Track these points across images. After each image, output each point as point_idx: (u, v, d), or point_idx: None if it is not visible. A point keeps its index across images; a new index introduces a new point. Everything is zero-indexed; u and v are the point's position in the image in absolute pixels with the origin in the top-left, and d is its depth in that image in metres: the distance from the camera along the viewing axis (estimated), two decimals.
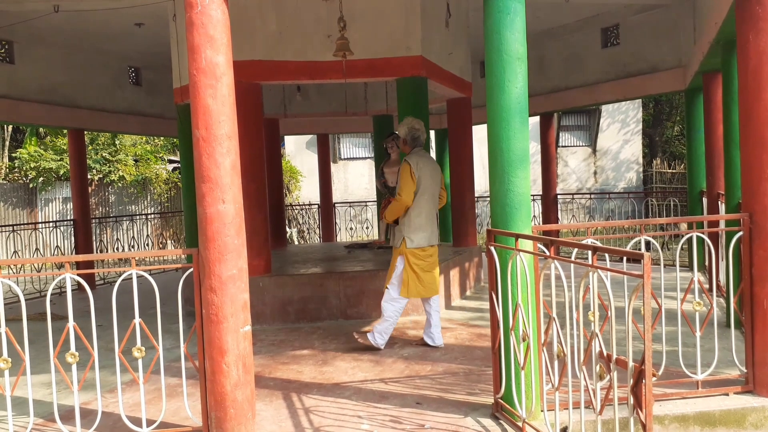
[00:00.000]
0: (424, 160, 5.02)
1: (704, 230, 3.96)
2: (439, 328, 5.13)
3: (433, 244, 5.07)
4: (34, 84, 7.86)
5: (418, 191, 4.92)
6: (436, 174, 5.10)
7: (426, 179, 4.96)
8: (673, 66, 7.68)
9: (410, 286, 4.95)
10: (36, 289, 8.54)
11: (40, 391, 4.37)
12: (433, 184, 5.04)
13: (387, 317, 5.02)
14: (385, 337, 5.06)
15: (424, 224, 4.97)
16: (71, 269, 3.22)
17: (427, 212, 4.99)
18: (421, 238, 4.97)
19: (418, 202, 4.94)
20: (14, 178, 15.35)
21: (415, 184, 4.89)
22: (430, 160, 5.11)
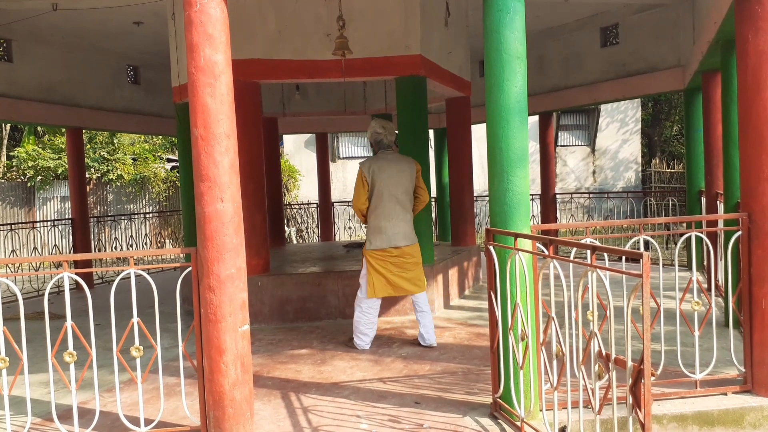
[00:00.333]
0: (382, 162, 5.01)
1: (703, 230, 3.96)
2: (429, 328, 5.10)
3: (398, 246, 4.99)
4: (32, 83, 7.85)
5: (373, 195, 5.00)
6: (402, 175, 5.01)
7: (382, 182, 4.96)
8: (672, 65, 7.68)
9: (376, 286, 5.01)
10: (34, 288, 8.53)
11: (38, 390, 4.36)
12: (394, 186, 4.98)
13: (356, 318, 5.12)
14: (364, 339, 5.11)
15: (383, 226, 4.99)
16: (69, 268, 3.21)
17: (386, 215, 4.99)
18: (380, 241, 4.99)
19: (374, 204, 5.01)
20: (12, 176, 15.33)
21: (366, 189, 5.00)
22: (395, 161, 5.04)
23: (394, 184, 4.98)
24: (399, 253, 5.01)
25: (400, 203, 5.01)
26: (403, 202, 5.04)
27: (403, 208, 5.04)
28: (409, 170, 5.07)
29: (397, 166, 5.03)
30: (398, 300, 6.19)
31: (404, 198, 5.04)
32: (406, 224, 5.06)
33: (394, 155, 5.12)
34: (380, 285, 5.00)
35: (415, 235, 5.15)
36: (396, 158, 5.09)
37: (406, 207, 5.07)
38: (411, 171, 5.08)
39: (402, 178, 5.01)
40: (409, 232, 5.08)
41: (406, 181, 5.04)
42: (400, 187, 5.01)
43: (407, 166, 5.07)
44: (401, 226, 5.02)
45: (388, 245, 4.98)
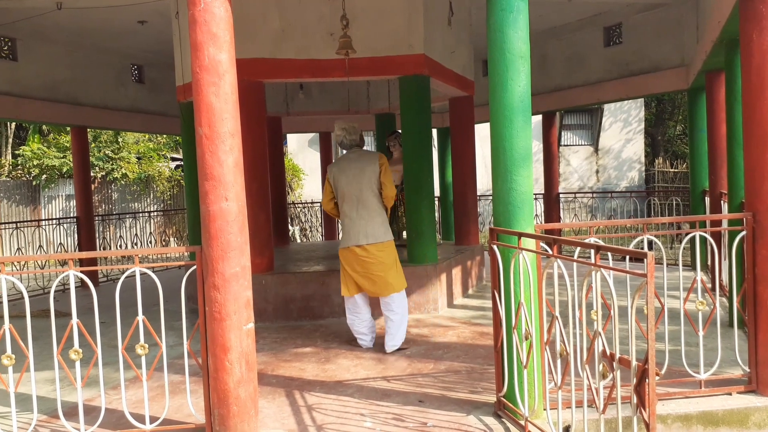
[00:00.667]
0: (344, 163, 5.02)
1: (707, 230, 3.95)
2: (392, 336, 4.94)
3: (361, 244, 4.92)
4: (37, 81, 7.87)
5: (337, 195, 5.06)
6: (361, 173, 4.94)
7: (342, 182, 4.98)
8: (675, 65, 7.67)
9: (347, 284, 5.03)
10: (39, 286, 8.56)
11: (44, 387, 4.38)
12: (353, 184, 4.95)
13: (347, 320, 5.16)
14: (362, 337, 5.13)
15: (346, 225, 5.04)
16: (75, 266, 3.23)
17: (348, 213, 5.00)
18: (345, 239, 5.02)
19: (340, 205, 5.08)
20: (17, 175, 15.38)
21: (330, 190, 5.10)
22: (356, 160, 4.99)
23: (354, 182, 4.96)
24: (362, 252, 4.93)
25: (361, 201, 4.96)
26: (365, 200, 4.96)
27: (365, 206, 4.96)
28: (370, 167, 4.95)
29: (357, 164, 4.98)
30: None
31: (366, 195, 4.95)
32: (369, 222, 4.95)
33: (357, 154, 5.06)
34: (350, 284, 5.02)
35: (383, 234, 4.96)
36: (357, 157, 5.03)
37: (368, 205, 4.96)
38: (373, 168, 4.95)
39: (361, 177, 4.94)
40: (373, 230, 4.94)
41: (366, 179, 4.93)
42: (360, 185, 4.95)
43: (368, 164, 4.97)
44: (363, 224, 4.96)
45: (350, 244, 4.96)
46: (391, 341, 4.96)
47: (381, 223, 4.99)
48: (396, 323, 4.97)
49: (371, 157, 5.03)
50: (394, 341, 4.96)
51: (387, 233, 5.00)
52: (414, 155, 6.33)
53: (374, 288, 4.95)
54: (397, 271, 5.02)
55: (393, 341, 4.96)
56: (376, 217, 4.98)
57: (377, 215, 4.99)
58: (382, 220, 5.01)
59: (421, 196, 6.34)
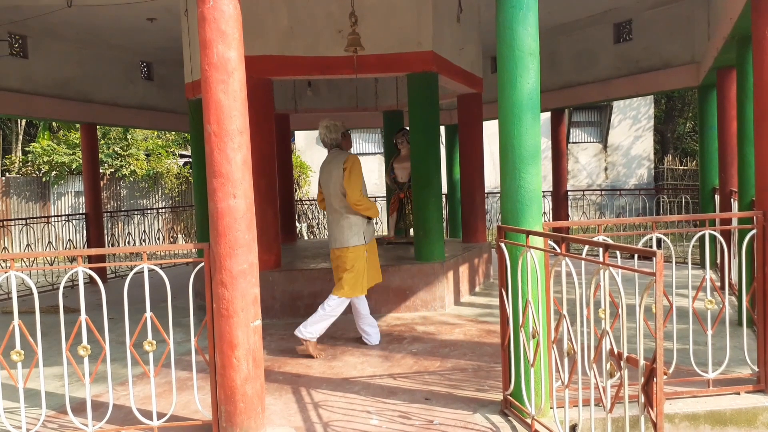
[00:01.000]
0: (323, 164, 5.04)
1: (717, 228, 3.93)
2: (305, 322, 4.88)
3: (335, 247, 4.92)
4: (47, 78, 7.92)
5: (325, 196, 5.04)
6: (329, 177, 4.89)
7: (322, 184, 5.01)
8: (686, 62, 7.61)
9: None
10: (48, 282, 8.62)
11: (52, 383, 4.41)
12: (328, 186, 4.92)
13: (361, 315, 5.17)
14: (365, 336, 5.15)
15: (329, 227, 5.05)
16: (83, 263, 3.24)
17: (329, 216, 5.02)
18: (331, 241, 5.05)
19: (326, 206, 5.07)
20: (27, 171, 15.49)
21: (321, 190, 5.09)
22: (330, 161, 4.95)
23: (327, 185, 4.96)
24: (333, 255, 5.00)
25: (330, 204, 4.96)
26: (332, 204, 4.92)
27: (333, 209, 4.94)
28: (336, 171, 4.84)
29: (328, 166, 4.95)
30: (408, 297, 6.20)
31: (333, 199, 4.90)
32: (335, 226, 4.93)
33: (333, 155, 4.97)
34: None
35: (345, 239, 4.87)
36: (331, 158, 4.96)
37: (336, 208, 4.91)
38: (338, 172, 4.83)
39: (330, 180, 4.91)
40: (338, 234, 4.90)
41: (333, 182, 4.87)
42: (329, 189, 4.93)
43: (335, 167, 4.86)
44: (331, 228, 4.99)
45: (332, 245, 5.01)
46: (303, 326, 4.85)
47: (345, 228, 4.88)
48: (317, 315, 4.87)
49: (339, 160, 4.86)
50: (304, 327, 4.84)
51: (350, 239, 4.87)
52: (422, 152, 6.33)
53: (346, 289, 4.92)
54: (353, 277, 4.88)
55: (303, 327, 4.84)
56: (340, 221, 4.90)
57: (342, 219, 4.90)
58: (347, 224, 4.87)
59: (429, 193, 6.33)
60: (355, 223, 4.88)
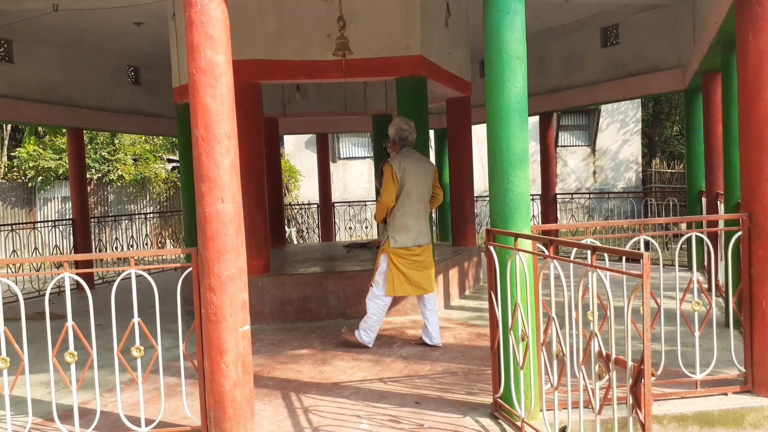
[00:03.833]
0: (409, 160, 5.03)
1: (703, 230, 3.96)
2: (436, 327, 5.12)
3: (421, 244, 5.06)
4: (33, 83, 7.85)
5: (401, 192, 4.99)
6: (426, 174, 5.09)
7: (411, 180, 4.98)
8: (672, 66, 7.68)
9: (395, 284, 5.01)
10: (35, 289, 8.54)
11: (39, 390, 4.36)
12: (421, 185, 5.04)
13: (370, 314, 5.09)
14: (371, 335, 5.10)
15: (409, 224, 5.00)
16: (70, 268, 3.21)
17: (413, 213, 5.01)
18: (406, 239, 5.00)
19: (402, 202, 4.99)
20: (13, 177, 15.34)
21: (397, 186, 4.98)
22: (420, 160, 5.10)
23: (421, 183, 5.04)
24: (420, 251, 5.07)
25: (423, 202, 5.08)
26: (426, 202, 5.13)
27: (425, 207, 5.13)
28: (432, 170, 5.17)
29: (422, 165, 5.10)
30: (399, 300, 6.19)
31: (427, 197, 5.14)
32: (426, 223, 5.16)
33: (419, 154, 5.19)
34: (399, 283, 5.01)
35: (429, 234, 5.21)
36: (420, 157, 5.17)
37: (427, 206, 5.15)
38: (433, 171, 5.18)
39: (426, 178, 5.09)
40: (427, 231, 5.17)
41: (429, 181, 5.12)
42: (425, 187, 5.09)
43: (429, 166, 5.18)
44: (424, 225, 5.11)
45: (413, 243, 5.02)
46: (435, 333, 5.10)
47: (428, 225, 5.23)
48: (437, 317, 5.14)
49: (430, 162, 5.26)
50: (437, 333, 5.12)
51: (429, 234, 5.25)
52: None
53: (427, 284, 5.09)
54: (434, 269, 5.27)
55: (437, 333, 5.11)
56: (427, 219, 5.19)
57: (427, 217, 5.21)
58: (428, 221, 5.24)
59: None
60: None
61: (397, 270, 5.00)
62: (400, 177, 4.96)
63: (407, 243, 5.00)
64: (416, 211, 5.03)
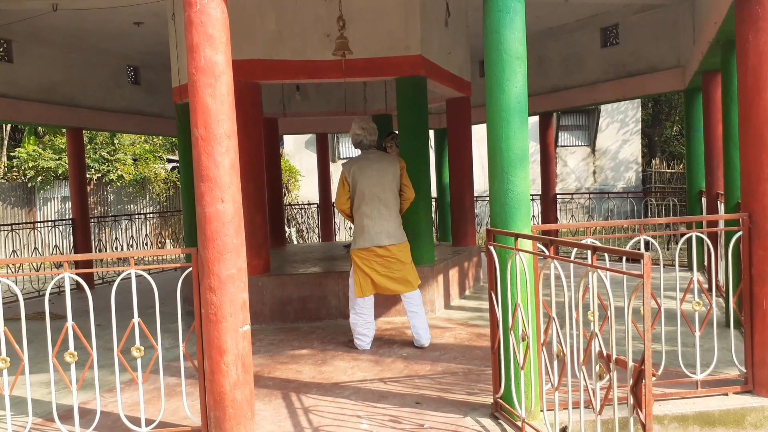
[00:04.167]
0: (363, 162, 5.03)
1: (703, 230, 3.95)
2: (419, 329, 5.06)
3: (382, 245, 4.98)
4: (32, 83, 7.85)
5: (355, 195, 5.04)
6: (384, 173, 5.01)
7: (364, 182, 4.99)
8: (672, 66, 7.68)
9: (362, 285, 5.03)
10: (35, 289, 8.53)
11: (39, 390, 4.36)
12: (376, 185, 4.99)
13: (352, 321, 5.14)
14: (364, 339, 5.12)
15: (366, 226, 5.01)
16: (70, 268, 3.21)
17: (369, 214, 5.00)
18: (363, 240, 5.01)
19: (357, 205, 5.05)
20: (13, 177, 15.33)
21: (347, 189, 5.06)
22: (377, 161, 5.04)
23: (376, 183, 4.99)
24: (384, 252, 4.99)
25: (382, 202, 5.00)
26: (387, 201, 5.02)
27: (387, 206, 5.02)
28: (392, 168, 5.05)
29: (378, 165, 5.03)
30: (399, 300, 6.19)
31: (387, 196, 5.02)
32: (390, 223, 5.03)
33: (376, 155, 5.12)
34: (366, 285, 5.02)
35: (402, 234, 5.11)
36: (377, 158, 5.09)
37: (390, 206, 5.04)
38: (394, 169, 5.06)
39: (383, 177, 5.01)
40: (394, 230, 5.04)
41: (388, 180, 5.02)
42: (382, 186, 5.01)
43: (389, 165, 5.06)
44: (384, 225, 5.01)
45: (371, 244, 4.98)
46: (426, 334, 5.08)
47: (399, 225, 5.12)
48: (422, 316, 5.09)
49: (392, 159, 5.14)
50: (427, 334, 5.09)
51: (404, 234, 5.15)
52: (411, 156, 6.32)
53: (396, 286, 5.04)
54: (413, 269, 5.17)
55: (426, 334, 5.09)
56: (396, 218, 5.10)
57: (396, 217, 5.11)
58: (400, 221, 5.13)
59: (418, 197, 6.30)
60: (401, 220, 5.16)
61: (361, 271, 5.02)
62: (351, 181, 5.04)
63: (365, 244, 5.00)
64: (373, 212, 4.99)
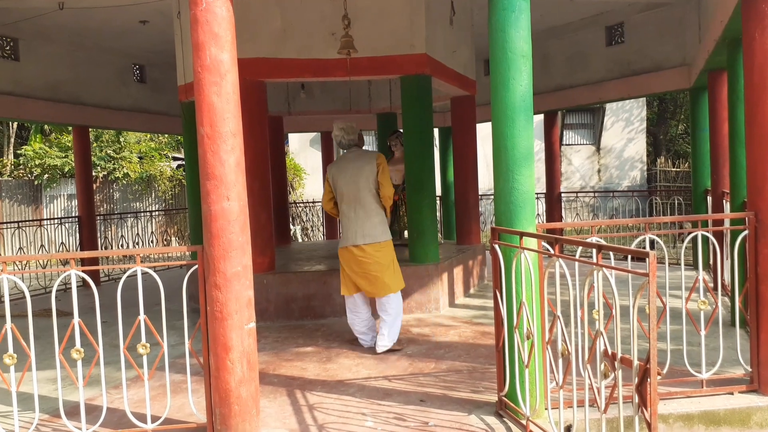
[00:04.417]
0: (341, 163, 5.04)
1: (709, 229, 3.95)
2: (382, 335, 4.90)
3: (357, 244, 4.91)
4: (39, 81, 7.88)
5: (336, 196, 5.08)
6: (360, 171, 4.93)
7: (341, 182, 5.00)
8: (678, 64, 7.65)
9: (346, 284, 5.05)
10: (41, 286, 8.57)
11: (46, 386, 4.38)
12: (352, 184, 4.95)
13: (347, 319, 5.17)
14: (362, 336, 5.13)
15: (344, 225, 5.06)
16: (76, 266, 3.23)
17: (346, 213, 5.02)
18: (342, 239, 5.05)
19: (340, 206, 5.09)
20: (19, 174, 15.40)
21: (329, 190, 5.12)
22: (354, 159, 4.99)
23: (352, 182, 4.97)
24: (359, 252, 4.93)
25: (359, 201, 4.96)
26: (363, 200, 4.95)
27: (363, 206, 4.96)
28: (368, 167, 4.94)
29: (355, 164, 4.98)
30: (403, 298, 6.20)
31: (364, 195, 4.94)
32: (366, 222, 4.94)
33: (356, 153, 5.06)
34: (348, 283, 5.04)
35: (382, 233, 4.95)
36: (356, 156, 5.03)
37: (366, 205, 4.95)
38: (370, 167, 4.94)
39: (359, 176, 4.93)
40: (370, 230, 4.93)
41: (364, 179, 4.93)
42: (358, 185, 4.96)
43: (366, 163, 4.95)
44: (360, 224, 4.96)
45: (348, 243, 4.98)
46: (381, 341, 4.91)
47: (378, 223, 4.97)
48: (388, 324, 4.94)
49: (369, 157, 5.00)
50: (384, 341, 4.92)
51: (384, 233, 4.98)
52: (415, 155, 6.33)
53: (371, 288, 4.95)
54: (394, 271, 5.00)
55: (383, 341, 4.91)
56: (373, 217, 4.97)
57: (375, 215, 4.97)
58: (379, 219, 4.98)
59: (423, 195, 6.34)
60: (384, 218, 5.06)
61: (343, 270, 5.05)
62: (332, 182, 5.08)
63: (343, 243, 5.02)
64: (350, 212, 4.99)
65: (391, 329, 4.95)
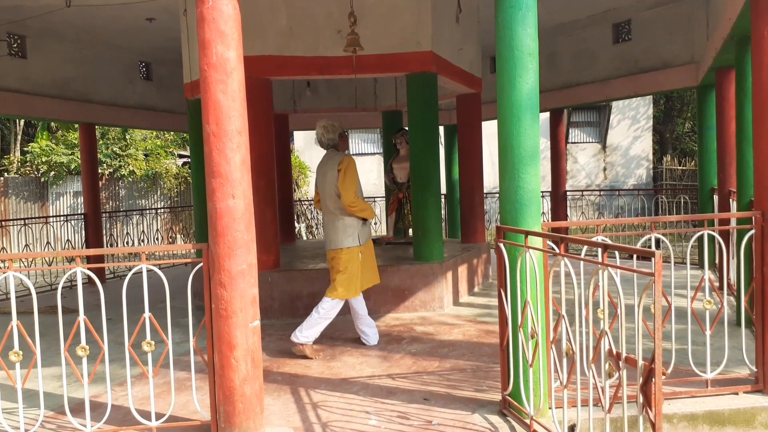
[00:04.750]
0: (320, 165, 5.03)
1: (715, 228, 3.93)
2: (300, 326, 4.85)
3: (330, 248, 4.93)
4: (46, 78, 7.91)
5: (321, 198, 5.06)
6: (324, 178, 4.90)
7: (319, 184, 5.00)
8: (685, 62, 7.61)
9: None
10: (47, 283, 8.61)
11: (51, 383, 4.40)
12: (322, 188, 4.95)
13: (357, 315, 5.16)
14: (364, 336, 5.15)
15: (324, 228, 5.06)
16: (82, 263, 3.24)
17: (324, 216, 5.03)
18: None
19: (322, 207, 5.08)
20: (26, 172, 15.48)
21: (317, 191, 5.08)
22: (325, 163, 4.95)
23: (321, 186, 4.98)
24: (328, 256, 5.02)
25: (326, 205, 4.97)
26: (327, 205, 4.93)
27: (328, 210, 4.94)
28: (331, 172, 4.85)
29: (325, 167, 4.95)
30: (406, 296, 6.20)
31: (328, 200, 4.91)
32: (330, 227, 4.93)
33: (328, 155, 4.98)
34: None
35: (342, 240, 4.85)
36: (326, 159, 4.97)
37: (330, 210, 4.92)
38: (332, 173, 4.83)
39: (325, 180, 4.91)
40: (332, 235, 4.90)
41: (329, 184, 4.87)
42: (323, 189, 4.95)
43: (330, 168, 4.87)
44: (327, 228, 4.99)
45: (327, 247, 5.01)
46: (298, 331, 4.82)
47: (340, 229, 4.87)
48: (312, 319, 4.84)
49: (335, 161, 4.86)
50: (299, 331, 4.81)
51: (345, 241, 4.85)
52: (421, 152, 6.33)
53: (341, 290, 4.89)
54: (346, 279, 4.85)
55: (299, 331, 4.81)
56: (335, 222, 4.90)
57: (336, 220, 4.89)
58: (342, 225, 4.86)
59: (428, 193, 6.33)
60: (350, 225, 4.87)
61: None
62: (316, 183, 5.08)
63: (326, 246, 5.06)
64: (326, 215, 5.00)
65: (312, 327, 4.82)
